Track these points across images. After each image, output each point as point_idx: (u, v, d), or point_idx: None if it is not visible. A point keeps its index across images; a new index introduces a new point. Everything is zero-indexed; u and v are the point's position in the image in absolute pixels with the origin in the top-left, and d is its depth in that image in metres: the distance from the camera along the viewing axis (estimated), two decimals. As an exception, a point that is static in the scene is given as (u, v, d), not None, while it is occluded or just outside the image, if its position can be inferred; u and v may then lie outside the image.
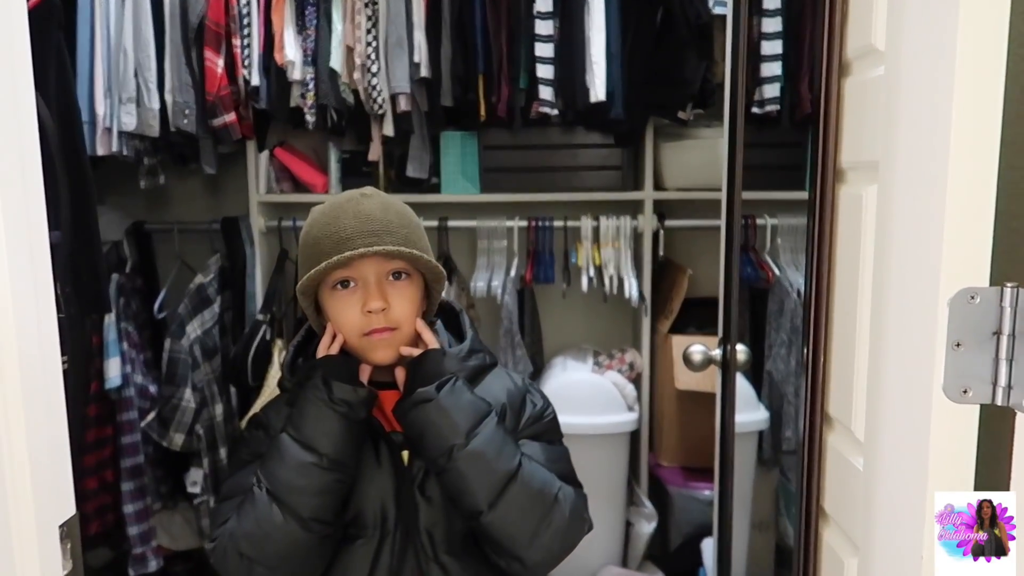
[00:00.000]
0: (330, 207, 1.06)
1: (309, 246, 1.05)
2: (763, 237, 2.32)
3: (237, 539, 1.01)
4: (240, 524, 1.02)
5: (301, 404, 1.03)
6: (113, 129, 2.09)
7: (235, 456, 1.14)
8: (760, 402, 2.26)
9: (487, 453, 1.00)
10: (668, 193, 2.35)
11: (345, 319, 1.04)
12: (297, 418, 1.03)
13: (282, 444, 1.02)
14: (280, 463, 1.01)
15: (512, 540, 1.01)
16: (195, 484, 2.33)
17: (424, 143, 2.33)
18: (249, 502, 1.02)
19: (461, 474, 0.99)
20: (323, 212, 1.06)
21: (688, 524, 2.30)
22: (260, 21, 2.16)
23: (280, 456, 1.02)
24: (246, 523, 1.01)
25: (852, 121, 0.99)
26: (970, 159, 0.73)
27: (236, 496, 1.06)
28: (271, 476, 1.01)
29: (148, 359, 2.35)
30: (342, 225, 1.02)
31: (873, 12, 0.90)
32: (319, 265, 1.00)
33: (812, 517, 1.08)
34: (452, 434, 0.99)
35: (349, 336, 1.05)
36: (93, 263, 1.40)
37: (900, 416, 0.83)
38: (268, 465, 1.02)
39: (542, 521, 1.02)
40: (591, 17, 2.11)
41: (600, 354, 2.43)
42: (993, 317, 0.72)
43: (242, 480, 1.06)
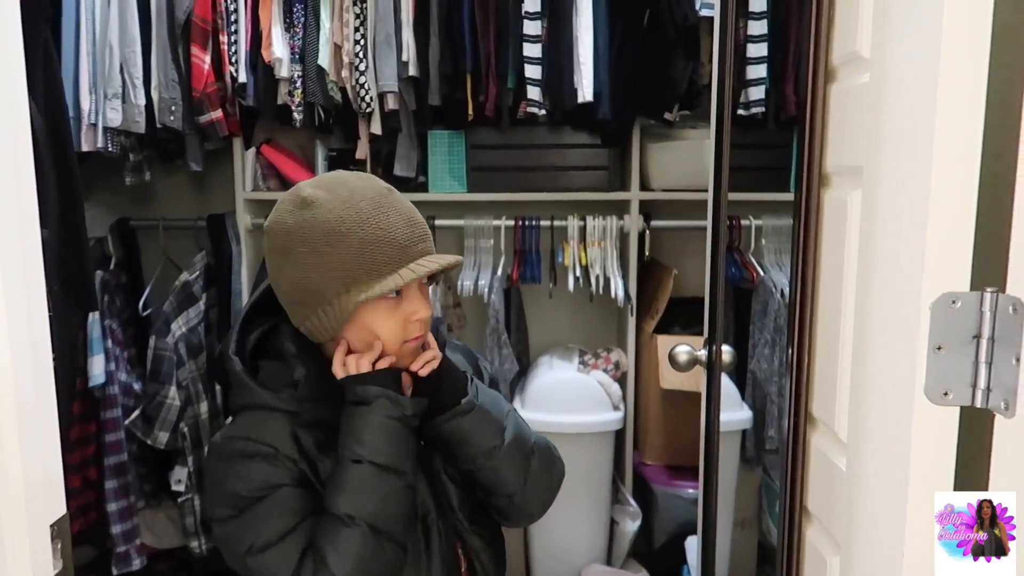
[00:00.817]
0: (363, 202, 0.95)
1: (355, 250, 0.94)
2: (747, 238, 2.35)
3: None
4: (344, 564, 0.92)
5: (372, 426, 0.96)
6: (98, 125, 2.07)
7: (229, 496, 0.96)
8: (744, 401, 2.28)
9: (513, 437, 1.06)
10: (654, 194, 2.37)
11: (389, 328, 0.98)
12: (374, 443, 0.95)
13: (364, 474, 0.95)
14: (371, 495, 0.94)
15: (507, 483, 1.06)
16: (179, 482, 2.32)
17: (412, 141, 2.33)
18: (347, 540, 0.93)
19: (496, 467, 1.04)
20: (357, 209, 0.94)
21: (672, 522, 2.32)
22: (247, 18, 2.16)
23: (367, 488, 0.94)
24: (353, 562, 0.92)
25: (837, 127, 1.00)
26: (952, 166, 0.74)
27: (285, 548, 0.94)
28: (363, 510, 0.93)
29: (132, 356, 2.34)
30: (393, 228, 0.95)
31: (859, 20, 0.92)
32: (391, 277, 0.94)
33: (796, 516, 1.10)
34: (494, 434, 1.03)
35: (391, 345, 0.99)
36: (80, 261, 1.40)
37: (882, 417, 0.85)
38: (355, 499, 0.94)
39: (528, 464, 1.08)
40: (579, 18, 2.13)
41: (586, 353, 2.45)
42: (973, 321, 0.73)
43: (276, 524, 0.95)
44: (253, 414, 1.00)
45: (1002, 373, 0.71)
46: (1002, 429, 0.72)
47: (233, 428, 1.01)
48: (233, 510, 0.96)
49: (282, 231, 0.97)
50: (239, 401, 1.01)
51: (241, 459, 0.96)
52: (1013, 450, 0.71)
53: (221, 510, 0.97)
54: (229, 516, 0.96)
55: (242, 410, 1.01)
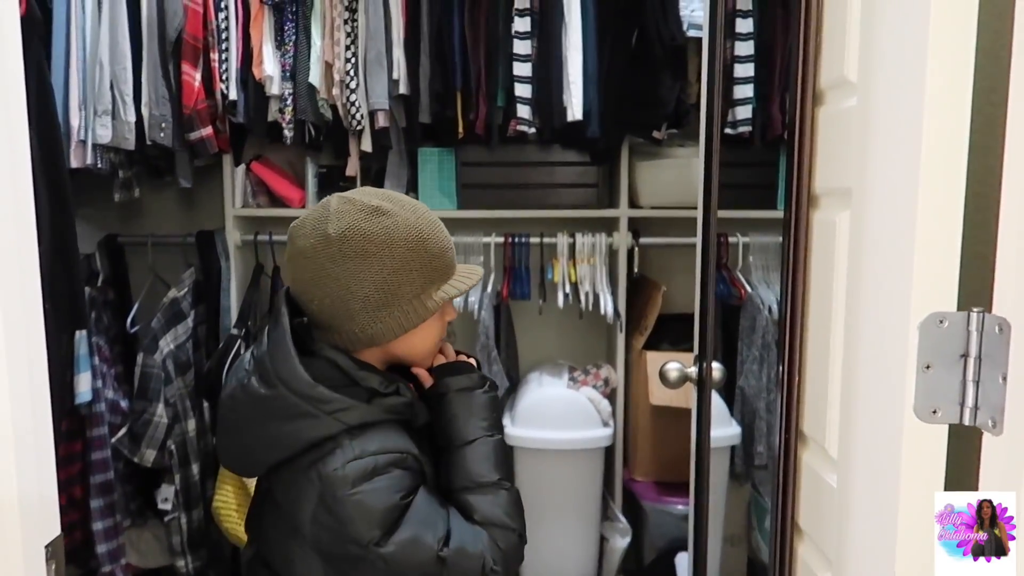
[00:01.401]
0: (427, 213, 1.09)
1: (434, 254, 1.06)
2: (735, 255, 2.37)
3: (523, 534, 1.11)
4: (519, 521, 1.10)
5: (489, 405, 1.14)
6: (88, 141, 2.07)
7: (386, 511, 0.99)
8: (732, 417, 2.29)
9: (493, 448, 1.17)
10: (643, 211, 2.39)
11: (439, 327, 1.13)
12: (494, 419, 1.14)
13: (499, 444, 1.13)
14: (506, 460, 1.13)
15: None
16: (166, 501, 2.30)
17: (402, 159, 2.34)
18: (510, 504, 1.10)
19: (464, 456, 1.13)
20: (428, 219, 1.08)
21: (662, 538, 2.33)
22: (238, 36, 2.16)
23: (503, 454, 1.12)
24: (520, 524, 1.10)
25: (826, 149, 1.02)
26: (938, 188, 0.76)
27: (466, 530, 1.05)
28: (508, 473, 1.12)
29: (119, 374, 2.32)
30: (450, 239, 1.12)
31: (845, 45, 0.94)
32: (466, 277, 1.12)
33: (787, 532, 1.11)
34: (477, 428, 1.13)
35: (435, 345, 1.15)
36: (71, 278, 1.39)
37: (872, 435, 0.86)
38: (502, 466, 1.11)
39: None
40: (568, 38, 2.15)
41: (575, 370, 2.45)
42: (961, 340, 0.75)
43: (442, 512, 1.05)
44: (376, 429, 1.02)
45: (989, 392, 0.73)
46: (990, 447, 0.73)
47: (359, 448, 1.00)
48: (394, 523, 0.99)
49: (360, 236, 1.02)
50: (354, 419, 1.01)
51: (386, 473, 1.00)
52: (1001, 467, 0.72)
53: (381, 529, 0.98)
54: (393, 528, 0.99)
55: (360, 429, 1.01)
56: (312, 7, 2.16)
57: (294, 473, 1.01)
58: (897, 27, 0.81)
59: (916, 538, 0.78)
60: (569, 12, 2.14)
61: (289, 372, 0.99)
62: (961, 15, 0.75)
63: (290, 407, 0.99)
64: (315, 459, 0.99)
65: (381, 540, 0.98)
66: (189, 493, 2.30)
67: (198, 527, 2.35)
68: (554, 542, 2.33)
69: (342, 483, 0.98)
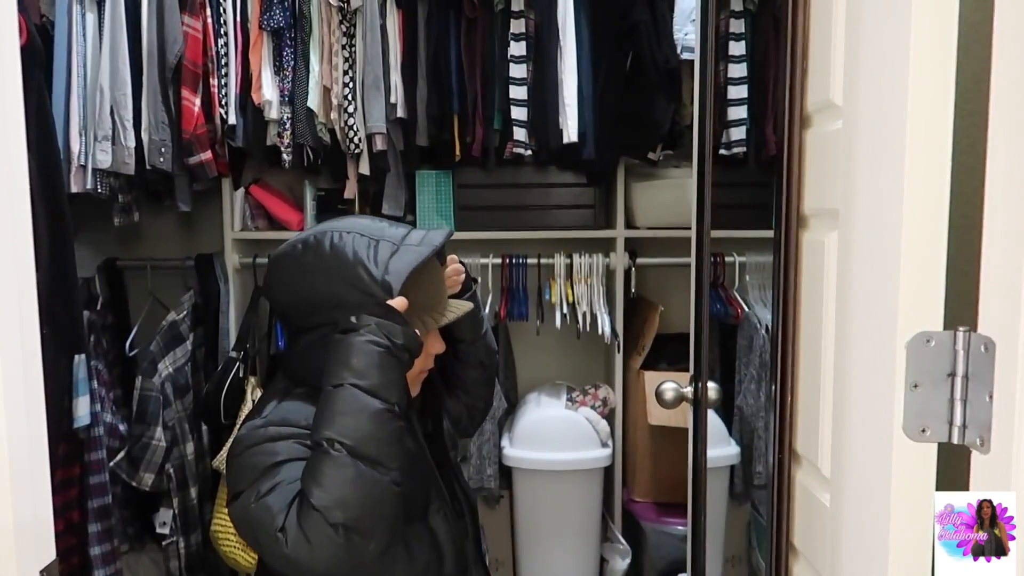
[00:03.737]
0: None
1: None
2: (731, 274, 2.38)
3: (327, 511, 0.94)
4: (325, 494, 0.94)
5: (359, 354, 1.00)
6: (88, 166, 2.09)
7: (257, 464, 1.02)
8: (731, 437, 2.29)
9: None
10: (639, 231, 2.40)
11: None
12: (361, 368, 1.00)
13: (350, 396, 0.99)
14: (355, 416, 0.98)
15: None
16: (164, 524, 2.29)
17: (399, 181, 2.36)
18: (329, 467, 0.95)
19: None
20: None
21: (662, 560, 2.31)
22: (238, 61, 2.19)
23: (353, 409, 0.98)
24: (334, 490, 0.95)
25: (813, 171, 1.04)
26: (922, 210, 0.77)
27: (285, 490, 0.98)
28: (347, 432, 0.97)
29: (118, 397, 2.32)
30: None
31: (831, 69, 0.96)
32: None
33: (782, 552, 1.11)
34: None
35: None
36: (70, 304, 1.40)
37: (863, 454, 0.87)
38: (339, 421, 0.98)
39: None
40: (564, 61, 2.18)
41: (573, 390, 2.46)
42: (948, 359, 0.76)
43: (291, 473, 1.00)
44: (287, 401, 1.14)
45: (976, 410, 0.73)
46: (978, 465, 0.74)
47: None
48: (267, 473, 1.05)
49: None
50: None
51: (270, 441, 1.09)
52: (989, 485, 0.73)
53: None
54: (261, 477, 1.04)
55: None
56: (311, 33, 2.19)
57: None
58: (879, 51, 0.83)
59: (907, 556, 0.79)
60: (564, 36, 2.17)
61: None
62: (942, 40, 0.76)
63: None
64: None
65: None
66: (187, 517, 2.30)
67: (196, 551, 2.34)
68: (554, 563, 2.32)
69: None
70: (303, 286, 1.13)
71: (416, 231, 1.19)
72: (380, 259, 1.09)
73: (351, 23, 2.18)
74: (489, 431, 2.33)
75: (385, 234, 1.14)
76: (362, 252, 1.10)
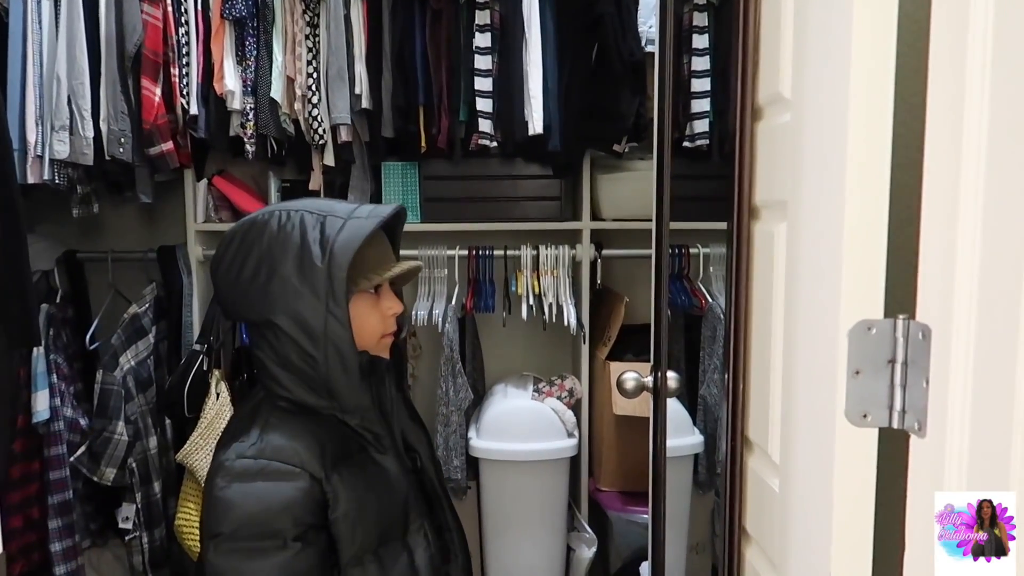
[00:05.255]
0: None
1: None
2: (696, 266, 2.40)
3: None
4: None
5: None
6: (44, 157, 2.05)
7: (254, 518, 1.06)
8: (695, 426, 2.32)
9: None
10: (605, 223, 2.41)
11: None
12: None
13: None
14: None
15: None
16: (127, 520, 2.26)
17: (365, 173, 2.35)
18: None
19: None
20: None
21: (627, 548, 2.34)
22: (199, 51, 2.16)
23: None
24: None
25: (764, 163, 1.05)
26: (864, 201, 0.79)
27: None
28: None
29: (79, 391, 2.29)
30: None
31: (779, 63, 0.97)
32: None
33: (735, 537, 1.13)
34: None
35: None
36: (22, 296, 1.37)
37: (809, 439, 0.89)
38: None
39: None
40: (529, 53, 2.18)
41: (540, 381, 2.47)
42: (888, 346, 0.78)
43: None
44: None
45: (914, 396, 0.75)
46: (916, 449, 0.76)
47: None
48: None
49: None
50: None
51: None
52: (927, 469, 0.75)
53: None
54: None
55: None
56: (273, 22, 2.17)
57: None
58: (823, 45, 0.84)
59: (850, 539, 0.81)
60: (529, 28, 2.17)
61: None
62: (882, 33, 0.78)
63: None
64: None
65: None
66: (151, 511, 2.27)
67: (160, 546, 2.31)
68: (520, 553, 2.34)
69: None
70: (245, 265, 1.12)
71: (365, 206, 1.19)
72: (328, 234, 1.09)
73: (315, 13, 2.17)
74: (456, 422, 2.33)
75: (335, 210, 1.14)
76: (309, 232, 1.09)
